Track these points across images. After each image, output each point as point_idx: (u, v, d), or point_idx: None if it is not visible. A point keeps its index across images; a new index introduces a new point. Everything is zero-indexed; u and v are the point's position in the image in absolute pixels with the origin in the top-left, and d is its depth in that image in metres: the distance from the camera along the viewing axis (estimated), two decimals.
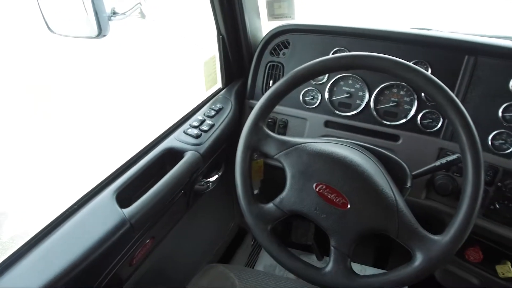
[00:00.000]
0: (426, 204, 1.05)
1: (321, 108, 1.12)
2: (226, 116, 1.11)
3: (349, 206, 0.74)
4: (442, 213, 1.04)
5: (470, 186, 0.69)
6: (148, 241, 0.92)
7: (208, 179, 1.11)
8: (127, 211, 0.77)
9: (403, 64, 0.74)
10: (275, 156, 0.82)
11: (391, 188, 0.75)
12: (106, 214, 0.76)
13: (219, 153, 1.12)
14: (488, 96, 0.95)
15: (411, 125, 1.04)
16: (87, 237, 0.71)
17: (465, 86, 0.97)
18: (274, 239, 0.80)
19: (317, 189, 0.76)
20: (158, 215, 0.91)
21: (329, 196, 0.75)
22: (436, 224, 1.18)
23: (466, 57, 0.96)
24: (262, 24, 1.25)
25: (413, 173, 0.87)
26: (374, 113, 1.06)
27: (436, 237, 0.70)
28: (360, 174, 0.75)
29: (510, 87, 0.92)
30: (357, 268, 1.66)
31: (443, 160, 0.85)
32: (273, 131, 1.18)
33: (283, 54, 1.16)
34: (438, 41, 0.99)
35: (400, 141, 1.05)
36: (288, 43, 1.14)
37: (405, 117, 1.04)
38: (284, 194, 0.80)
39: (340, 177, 0.75)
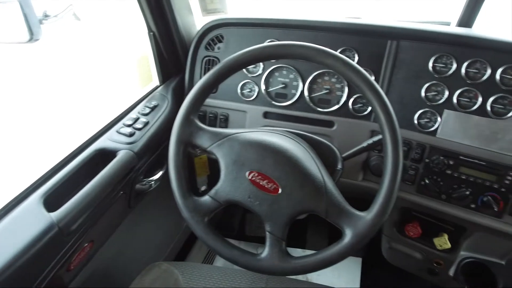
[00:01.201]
0: (364, 185, 1.10)
1: (259, 100, 1.14)
2: (162, 113, 1.10)
3: (280, 191, 0.75)
4: (372, 190, 1.09)
5: (389, 163, 0.73)
6: (86, 245, 0.89)
7: (150, 178, 1.10)
8: (55, 215, 0.75)
9: (323, 51, 0.76)
10: (208, 148, 0.82)
11: (319, 170, 0.78)
12: (32, 219, 0.73)
13: (160, 150, 1.10)
14: (412, 78, 1.00)
15: (344, 110, 1.08)
16: (12, 244, 0.68)
17: (390, 69, 1.02)
18: (210, 230, 0.81)
19: (249, 177, 0.77)
20: (94, 217, 0.88)
21: (261, 183, 0.76)
22: (367, 201, 1.23)
23: (389, 41, 1.01)
24: (197, 20, 1.25)
25: (343, 155, 0.90)
26: (309, 101, 1.09)
27: (362, 213, 0.73)
28: (289, 159, 0.76)
29: (430, 67, 0.97)
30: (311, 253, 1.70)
31: (370, 141, 0.88)
32: (215, 126, 1.19)
33: (218, 48, 1.16)
34: (362, 28, 1.03)
35: (335, 127, 1.08)
36: (222, 37, 1.15)
37: (338, 103, 1.08)
38: (218, 185, 0.80)
39: (271, 163, 0.76)
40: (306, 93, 1.09)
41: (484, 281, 1.19)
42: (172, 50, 1.18)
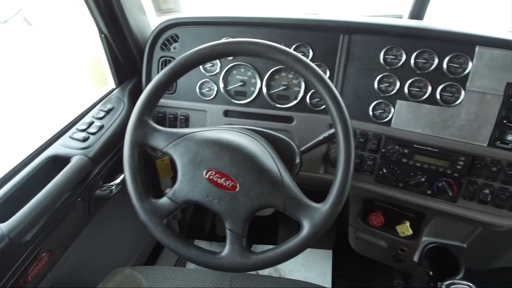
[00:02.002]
0: (325, 177, 1.11)
1: (219, 98, 1.14)
2: (118, 116, 1.08)
3: (238, 188, 0.75)
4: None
5: (342, 154, 0.74)
6: (44, 255, 0.87)
7: (111, 183, 1.08)
8: (4, 225, 0.72)
9: (273, 47, 0.76)
10: (164, 149, 0.81)
11: (277, 165, 0.78)
12: None
13: (118, 154, 1.08)
14: (365, 70, 1.02)
15: (302, 105, 1.09)
16: None
17: (344, 63, 1.03)
18: (170, 232, 0.80)
19: (207, 176, 0.77)
20: (50, 226, 0.86)
21: (219, 181, 0.76)
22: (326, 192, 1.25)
23: (341, 36, 1.03)
24: (152, 20, 1.23)
25: (301, 149, 0.91)
26: (268, 98, 1.10)
27: (318, 205, 0.74)
28: (246, 156, 0.77)
29: (381, 60, 0.99)
30: None
31: (325, 134, 0.90)
32: (175, 127, 1.18)
33: (174, 48, 1.15)
34: (315, 23, 1.05)
35: (294, 122, 1.09)
36: (178, 37, 1.14)
37: (296, 98, 1.09)
38: (176, 185, 0.80)
39: (227, 161, 0.76)
40: (264, 90, 1.10)
41: (447, 264, 1.24)
42: (126, 52, 1.16)
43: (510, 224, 0.94)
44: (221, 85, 1.12)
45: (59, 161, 0.91)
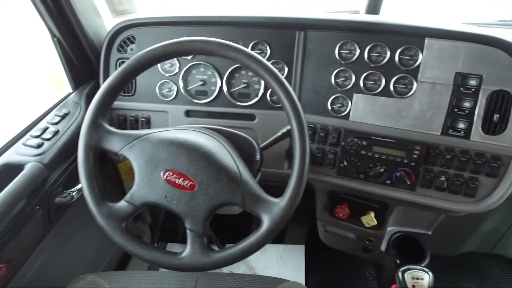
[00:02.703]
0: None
1: (180, 99, 1.13)
2: (74, 121, 1.05)
3: (196, 187, 0.75)
4: None
5: (297, 149, 0.75)
6: (1, 265, 0.84)
7: (71, 190, 1.05)
8: None
9: (225, 44, 0.77)
10: (119, 152, 0.80)
11: (235, 162, 0.78)
12: None
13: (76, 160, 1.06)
14: (321, 66, 1.04)
15: (263, 102, 1.09)
16: None
17: (301, 59, 1.05)
18: (129, 235, 0.79)
19: (164, 177, 0.76)
20: (6, 236, 0.83)
21: (177, 181, 0.76)
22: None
23: (297, 32, 1.04)
24: (109, 22, 1.21)
25: (261, 146, 0.92)
26: (229, 96, 1.10)
27: (276, 200, 0.75)
28: (203, 154, 0.76)
29: (336, 55, 1.01)
30: None
31: (284, 130, 0.91)
32: (137, 129, 1.16)
33: (131, 49, 1.14)
34: (271, 20, 1.05)
35: (256, 119, 1.10)
36: (134, 38, 1.13)
37: (256, 96, 1.09)
38: (134, 188, 0.79)
39: (185, 160, 0.76)
40: (225, 88, 1.10)
41: (414, 252, 1.27)
42: (82, 55, 1.14)
43: (467, 209, 0.98)
44: (181, 85, 1.11)
45: (12, 169, 0.88)
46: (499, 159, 0.92)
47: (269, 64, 0.76)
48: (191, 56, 1.10)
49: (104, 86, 0.80)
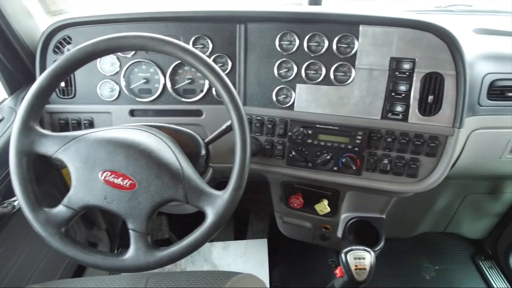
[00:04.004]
0: None
1: (123, 98, 1.10)
2: (9, 127, 1.01)
3: (137, 186, 0.74)
4: (256, 171, 1.13)
5: (238, 140, 0.75)
6: None
7: (12, 199, 1.00)
8: None
9: (159, 39, 0.75)
10: (54, 155, 0.77)
11: (177, 158, 0.77)
12: None
13: None
14: (264, 58, 1.04)
15: (209, 98, 1.09)
16: None
17: (244, 52, 1.05)
18: (69, 240, 0.76)
19: (102, 178, 0.74)
20: None
21: (116, 182, 0.74)
22: (260, 183, 1.27)
23: (238, 25, 1.04)
24: (44, 23, 1.16)
25: (205, 140, 0.91)
26: (173, 93, 1.09)
27: (219, 192, 0.75)
28: (142, 152, 0.75)
29: (277, 46, 1.02)
30: (220, 245, 1.72)
31: (228, 123, 0.90)
32: None
33: (68, 50, 1.10)
34: (211, 14, 1.05)
35: (203, 115, 1.09)
36: (70, 38, 1.09)
37: (202, 91, 1.08)
38: (71, 191, 0.76)
39: (123, 159, 0.74)
40: (169, 85, 1.08)
41: (370, 236, 1.30)
42: (16, 59, 1.09)
43: (410, 189, 1.01)
44: (123, 84, 1.09)
45: None
46: (436, 139, 0.95)
47: (205, 57, 0.75)
48: (132, 53, 1.08)
49: (33, 87, 0.77)
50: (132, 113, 1.10)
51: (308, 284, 1.62)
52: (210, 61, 0.75)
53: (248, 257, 1.69)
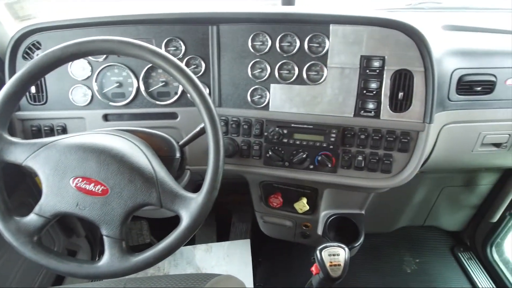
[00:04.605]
0: None
1: (96, 103, 1.09)
2: None
3: (109, 191, 0.73)
4: (234, 172, 1.13)
5: (211, 142, 0.75)
6: None
7: None
8: None
9: (127, 42, 0.75)
10: (23, 163, 0.76)
11: (150, 162, 0.77)
12: None
13: None
14: (237, 59, 1.04)
15: (184, 100, 1.08)
16: None
17: (217, 53, 1.05)
18: (42, 249, 0.75)
19: (74, 184, 0.73)
20: None
21: (87, 188, 0.73)
22: (241, 184, 1.27)
23: (210, 27, 1.04)
24: (13, 29, 1.13)
25: (180, 143, 0.91)
26: (147, 96, 1.08)
27: (193, 195, 0.75)
28: (114, 157, 0.74)
29: (250, 47, 1.02)
30: (202, 247, 1.71)
31: (201, 125, 0.90)
32: None
33: (37, 56, 1.07)
34: (183, 16, 1.04)
35: (179, 118, 1.09)
36: (40, 44, 1.07)
37: (176, 94, 1.08)
38: (42, 199, 0.75)
39: (94, 165, 0.74)
40: (142, 88, 1.07)
41: (351, 232, 1.32)
42: None
43: (385, 184, 1.03)
44: (96, 88, 1.07)
45: None
46: (408, 135, 0.97)
47: (174, 59, 0.75)
48: (103, 57, 1.06)
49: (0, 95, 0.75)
50: (106, 117, 1.09)
51: (292, 283, 1.63)
52: (179, 63, 0.75)
53: (232, 258, 1.69)
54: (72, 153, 0.75)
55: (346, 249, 0.90)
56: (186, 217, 0.74)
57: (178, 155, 0.90)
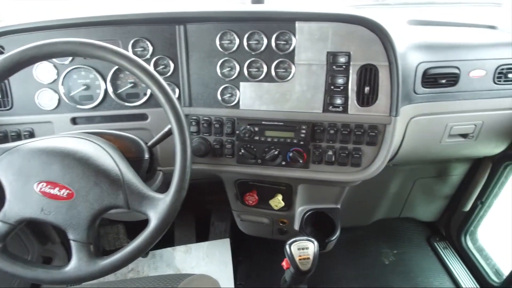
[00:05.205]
0: (193, 168, 1.11)
1: (63, 106, 1.07)
2: None
3: (75, 195, 0.72)
4: (208, 171, 1.13)
5: (177, 142, 0.75)
6: None
7: None
8: None
9: (88, 43, 0.74)
10: None
11: (116, 164, 0.76)
12: None
13: None
14: (206, 58, 1.04)
15: (153, 101, 1.08)
16: None
17: (185, 53, 1.04)
18: (7, 256, 0.74)
19: (38, 189, 0.72)
20: None
21: (52, 192, 0.72)
22: (220, 183, 1.27)
23: (177, 27, 1.03)
24: None
25: (148, 144, 0.90)
26: (116, 98, 1.07)
27: (161, 195, 0.75)
28: (79, 160, 0.73)
29: (218, 46, 1.02)
30: (182, 249, 1.70)
31: (169, 126, 0.90)
32: None
33: None
34: (149, 16, 1.03)
35: (149, 119, 1.08)
36: (3, 48, 1.04)
37: (145, 95, 1.07)
38: (6, 206, 0.73)
39: (58, 169, 0.73)
40: (110, 90, 1.06)
41: (328, 227, 1.33)
42: None
43: (356, 178, 1.05)
44: (62, 92, 1.05)
45: None
46: (375, 128, 0.99)
47: (138, 59, 0.75)
48: (69, 60, 1.04)
49: None
50: (74, 121, 1.08)
51: (272, 280, 1.64)
52: (143, 63, 0.75)
53: (211, 258, 1.68)
54: (36, 158, 0.73)
55: (315, 242, 0.92)
56: (154, 218, 0.73)
57: (147, 156, 0.89)
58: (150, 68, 0.75)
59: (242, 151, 1.06)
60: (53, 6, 1.34)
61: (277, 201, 1.23)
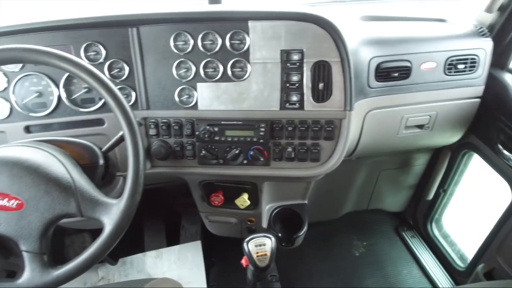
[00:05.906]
0: (155, 172, 1.10)
1: (15, 115, 1.03)
2: None
3: (25, 205, 0.70)
4: (170, 174, 1.13)
5: (129, 146, 0.75)
6: None
7: None
8: None
9: (32, 49, 0.72)
10: None
11: (68, 171, 0.75)
12: None
13: None
14: (161, 60, 1.03)
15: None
16: None
17: (140, 56, 1.03)
18: None
19: None
20: None
21: (1, 203, 0.71)
22: (182, 186, 1.27)
23: (129, 29, 1.02)
24: None
25: (103, 149, 0.89)
26: (70, 104, 1.04)
27: (115, 201, 0.74)
28: (27, 169, 0.72)
29: (172, 47, 1.01)
30: (152, 254, 1.69)
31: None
32: None
33: None
34: (100, 20, 1.01)
35: (106, 124, 1.06)
36: None
37: (101, 99, 1.05)
38: None
39: (6, 179, 0.71)
40: (64, 96, 1.04)
41: (296, 222, 1.35)
42: None
43: (316, 172, 1.07)
44: (14, 100, 1.02)
45: None
46: (332, 123, 1.01)
47: (84, 62, 0.74)
48: (20, 67, 1.01)
49: None
50: (28, 129, 1.04)
51: (244, 280, 1.64)
52: (90, 66, 0.74)
53: (183, 262, 1.67)
54: None
55: (273, 238, 0.93)
56: (108, 223, 0.73)
57: (101, 162, 0.87)
58: (98, 72, 0.74)
59: (203, 152, 1.06)
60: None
61: (243, 200, 1.24)
